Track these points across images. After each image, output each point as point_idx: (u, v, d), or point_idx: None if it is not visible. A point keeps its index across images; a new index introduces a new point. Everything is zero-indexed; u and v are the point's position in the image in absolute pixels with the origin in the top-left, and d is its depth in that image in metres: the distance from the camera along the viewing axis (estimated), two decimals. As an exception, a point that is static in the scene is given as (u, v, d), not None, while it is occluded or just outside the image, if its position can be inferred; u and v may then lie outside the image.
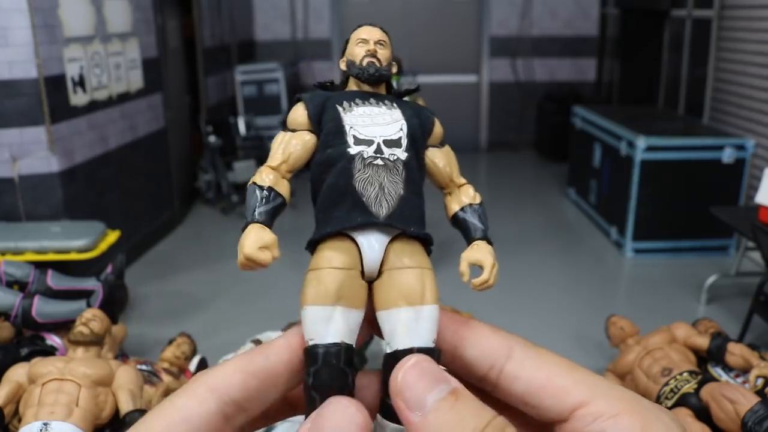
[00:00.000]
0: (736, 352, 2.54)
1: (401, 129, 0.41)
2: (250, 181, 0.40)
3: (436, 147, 0.43)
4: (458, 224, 0.43)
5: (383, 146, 0.40)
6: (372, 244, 0.38)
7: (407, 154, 0.40)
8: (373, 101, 0.42)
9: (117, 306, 3.37)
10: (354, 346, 0.37)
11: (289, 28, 7.92)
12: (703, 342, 2.69)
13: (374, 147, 0.39)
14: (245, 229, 0.38)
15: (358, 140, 0.39)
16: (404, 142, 0.40)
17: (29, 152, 3.72)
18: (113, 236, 3.67)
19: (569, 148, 6.31)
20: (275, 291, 4.07)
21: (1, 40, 3.53)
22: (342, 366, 0.36)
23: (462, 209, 0.43)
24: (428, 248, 0.40)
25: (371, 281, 0.39)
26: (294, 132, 0.41)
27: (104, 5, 4.28)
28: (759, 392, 2.33)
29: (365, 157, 0.39)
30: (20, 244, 3.42)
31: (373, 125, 0.40)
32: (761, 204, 3.40)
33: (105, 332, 2.53)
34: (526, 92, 7.98)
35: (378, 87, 0.44)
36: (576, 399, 0.35)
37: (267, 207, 0.39)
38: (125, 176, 4.60)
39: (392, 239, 0.39)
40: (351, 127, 0.40)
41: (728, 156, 4.51)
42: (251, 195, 0.39)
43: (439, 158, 0.43)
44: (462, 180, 0.44)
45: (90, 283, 3.20)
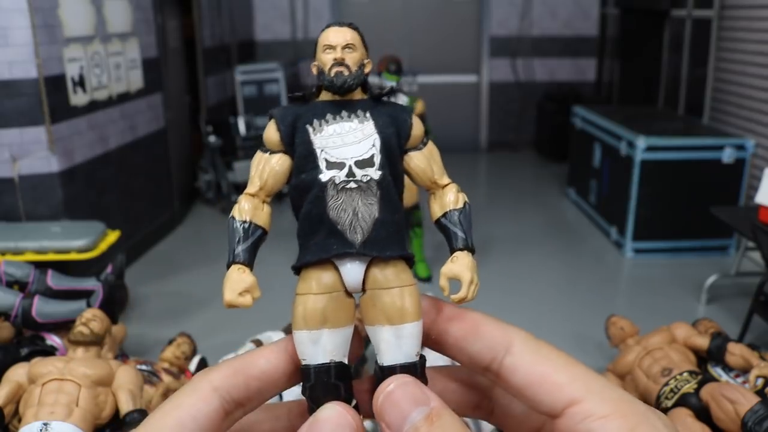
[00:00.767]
0: (736, 352, 2.54)
1: (373, 146, 0.40)
2: (230, 214, 0.41)
3: (417, 149, 0.42)
4: (441, 230, 0.43)
5: (355, 168, 0.39)
6: (350, 270, 0.39)
7: (380, 173, 0.40)
8: (345, 114, 0.41)
9: (117, 306, 3.37)
10: (346, 361, 0.39)
11: (289, 28, 7.92)
12: (703, 342, 2.69)
13: (346, 170, 0.39)
14: (228, 269, 0.40)
15: (330, 164, 0.39)
16: (377, 160, 0.40)
17: (29, 152, 3.72)
18: (113, 236, 3.67)
19: (569, 148, 6.31)
20: (275, 291, 4.06)
21: (1, 40, 3.53)
22: (333, 381, 0.38)
23: (444, 215, 0.42)
24: (411, 262, 0.40)
25: (360, 293, 0.40)
26: (270, 154, 0.41)
27: (104, 5, 4.28)
28: (759, 392, 2.33)
29: (337, 183, 0.39)
30: (20, 244, 3.42)
31: (344, 146, 0.40)
32: (761, 204, 3.40)
33: (105, 332, 2.53)
34: (526, 92, 7.98)
35: (351, 93, 0.42)
36: (569, 396, 0.35)
37: (246, 244, 0.40)
38: (125, 176, 4.60)
39: (372, 260, 0.39)
40: (322, 150, 0.40)
41: (728, 156, 4.51)
42: (231, 231, 0.41)
43: (419, 161, 0.42)
44: (446, 180, 0.43)
45: (90, 283, 3.20)
